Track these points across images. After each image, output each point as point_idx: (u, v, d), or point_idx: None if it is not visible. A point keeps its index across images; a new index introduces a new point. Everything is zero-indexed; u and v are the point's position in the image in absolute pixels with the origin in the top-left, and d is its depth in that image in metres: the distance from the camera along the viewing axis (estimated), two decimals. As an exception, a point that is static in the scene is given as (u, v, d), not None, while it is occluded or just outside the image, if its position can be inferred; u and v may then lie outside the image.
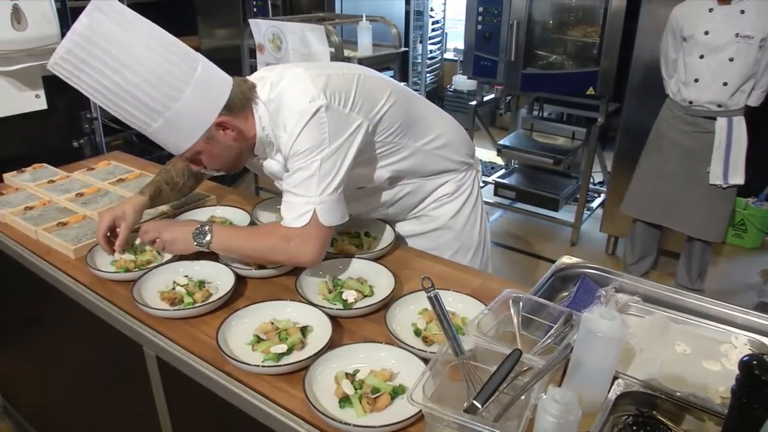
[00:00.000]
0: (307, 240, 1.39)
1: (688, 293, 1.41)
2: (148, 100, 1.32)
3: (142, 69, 1.29)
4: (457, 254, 1.79)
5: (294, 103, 1.39)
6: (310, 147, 1.37)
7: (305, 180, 1.38)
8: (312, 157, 1.37)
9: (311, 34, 3.07)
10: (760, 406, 0.77)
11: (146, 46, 1.31)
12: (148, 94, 1.31)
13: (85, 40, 1.27)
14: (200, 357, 1.24)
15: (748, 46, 2.77)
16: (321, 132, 1.37)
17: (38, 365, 2.07)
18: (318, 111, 1.37)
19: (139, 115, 1.35)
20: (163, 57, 1.32)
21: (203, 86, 1.37)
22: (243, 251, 1.50)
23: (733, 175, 2.99)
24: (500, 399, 0.95)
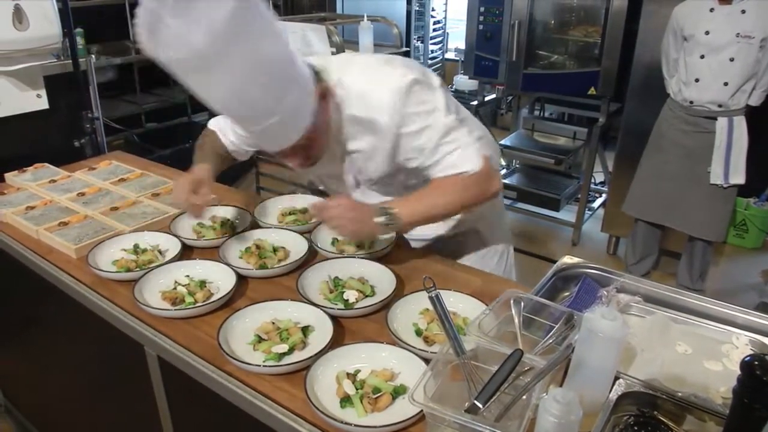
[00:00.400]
0: (490, 176, 1.46)
1: (689, 293, 1.41)
2: (268, 93, 1.23)
3: (274, 64, 1.21)
4: (483, 259, 1.80)
5: (385, 85, 1.41)
6: (428, 113, 1.42)
7: (452, 137, 1.42)
8: (437, 119, 1.42)
9: (312, 34, 3.07)
10: (762, 407, 0.77)
11: (277, 41, 1.21)
12: (267, 86, 1.22)
13: (221, 39, 1.11)
14: (201, 357, 1.24)
15: (749, 46, 2.77)
16: (426, 99, 1.42)
17: (39, 365, 2.08)
18: (412, 83, 1.41)
19: (256, 115, 1.26)
20: (286, 48, 1.24)
21: (299, 61, 1.30)
22: (437, 213, 1.50)
23: (733, 175, 2.99)
24: (501, 399, 0.95)
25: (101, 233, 1.71)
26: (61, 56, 2.48)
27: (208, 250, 1.65)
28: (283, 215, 1.83)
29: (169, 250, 1.64)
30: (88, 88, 2.62)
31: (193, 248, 1.67)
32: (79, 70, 2.50)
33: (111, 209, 1.86)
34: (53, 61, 2.43)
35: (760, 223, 3.77)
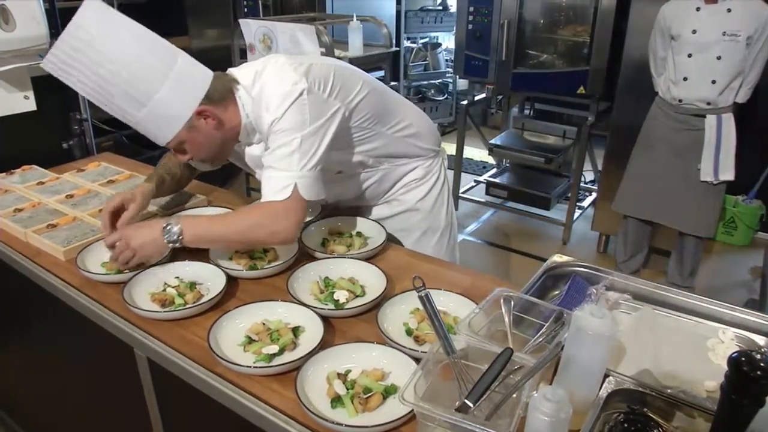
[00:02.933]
0: (288, 213, 1.45)
1: (677, 291, 1.42)
2: (131, 90, 1.40)
3: (123, 61, 1.38)
4: (425, 235, 1.89)
5: (278, 86, 1.48)
6: (292, 126, 1.45)
7: (287, 156, 1.45)
8: (293, 135, 1.45)
9: (302, 34, 3.07)
10: (749, 402, 0.78)
11: (127, 41, 1.40)
12: (130, 84, 1.39)
13: (71, 37, 1.37)
14: (191, 358, 1.23)
15: (735, 44, 2.80)
16: (303, 113, 1.46)
17: (28, 368, 2.06)
18: (301, 94, 1.46)
19: (123, 106, 1.42)
20: (143, 50, 1.41)
21: (183, 78, 1.45)
22: (221, 236, 1.51)
23: (723, 172, 3.01)
24: (492, 398, 0.96)
25: (90, 235, 1.70)
26: (49, 57, 2.46)
27: (197, 252, 1.64)
28: (274, 216, 1.83)
29: (159, 252, 1.63)
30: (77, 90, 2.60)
31: (182, 249, 1.66)
32: (67, 71, 2.48)
33: (100, 211, 1.85)
34: (41, 62, 2.41)
35: (749, 221, 3.80)
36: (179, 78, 1.44)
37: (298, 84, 1.46)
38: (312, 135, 1.47)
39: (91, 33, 1.37)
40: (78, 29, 1.37)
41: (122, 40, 1.39)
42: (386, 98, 1.75)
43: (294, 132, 1.45)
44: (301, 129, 1.46)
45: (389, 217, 1.86)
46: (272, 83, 1.50)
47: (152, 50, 1.43)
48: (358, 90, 1.61)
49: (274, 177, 1.46)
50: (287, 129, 1.45)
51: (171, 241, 1.46)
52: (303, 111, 1.46)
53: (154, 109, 1.43)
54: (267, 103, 1.48)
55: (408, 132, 1.78)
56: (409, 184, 1.85)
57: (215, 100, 1.50)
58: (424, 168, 1.86)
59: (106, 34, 1.38)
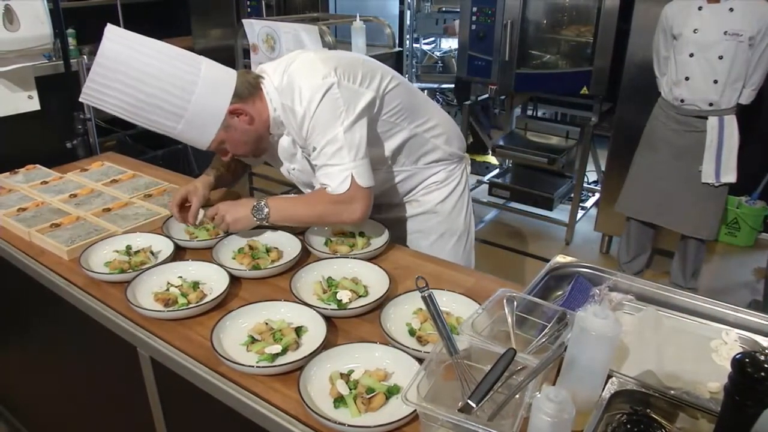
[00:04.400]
0: (352, 201, 1.55)
1: (680, 291, 1.42)
2: (166, 105, 1.47)
3: (154, 79, 1.45)
4: (442, 238, 1.88)
5: (307, 78, 1.52)
6: (329, 120, 1.51)
7: (336, 151, 1.52)
8: (334, 129, 1.51)
9: (305, 34, 3.07)
10: (753, 404, 0.78)
11: (152, 59, 1.47)
12: (164, 100, 1.47)
13: (102, 68, 1.45)
14: (194, 358, 1.24)
15: (737, 43, 2.79)
16: (336, 106, 1.51)
17: (31, 367, 2.07)
18: (331, 87, 1.50)
19: (163, 121, 1.50)
20: (168, 65, 1.48)
21: (210, 82, 1.52)
22: (299, 219, 1.65)
23: (725, 174, 3.00)
24: (495, 398, 0.95)
25: (93, 234, 1.70)
26: (53, 57, 2.47)
27: (201, 251, 1.65)
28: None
29: (162, 251, 1.64)
30: (80, 89, 2.61)
31: (185, 249, 1.67)
32: (71, 70, 2.49)
33: (103, 210, 1.86)
34: (44, 62, 2.42)
35: (752, 222, 3.79)
36: (207, 83, 1.51)
37: (327, 77, 1.50)
38: (352, 126, 1.52)
39: (118, 60, 1.44)
40: (105, 59, 1.44)
41: (148, 60, 1.46)
42: (415, 94, 1.77)
43: (333, 127, 1.50)
44: (339, 122, 1.50)
45: (408, 219, 1.87)
46: (301, 75, 1.54)
47: (177, 63, 1.49)
48: (389, 80, 1.64)
49: (331, 173, 1.53)
50: (325, 124, 1.50)
51: (259, 219, 1.60)
52: (336, 104, 1.50)
53: (190, 118, 1.50)
54: (296, 95, 1.52)
55: (435, 132, 1.79)
56: (430, 186, 1.85)
57: (244, 96, 1.56)
58: (447, 171, 1.86)
59: (132, 57, 1.45)
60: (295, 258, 1.57)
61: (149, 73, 1.45)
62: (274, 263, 1.56)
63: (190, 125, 1.52)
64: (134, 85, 1.45)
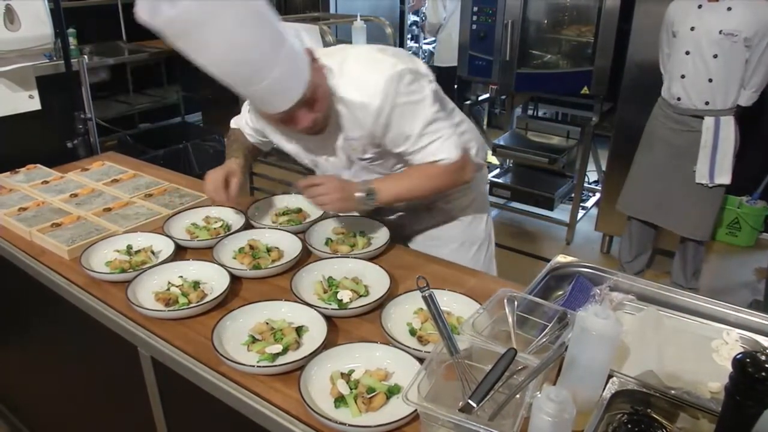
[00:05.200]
0: (464, 166, 1.59)
1: (681, 291, 1.42)
2: (264, 50, 1.28)
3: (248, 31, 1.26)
4: (462, 247, 1.85)
5: (378, 73, 1.47)
6: (416, 104, 1.49)
7: (437, 127, 1.52)
8: (424, 110, 1.50)
9: (306, 34, 3.05)
10: (754, 404, 0.78)
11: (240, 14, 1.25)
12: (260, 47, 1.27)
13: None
14: (195, 358, 1.24)
15: (732, 43, 2.78)
16: (415, 89, 1.49)
17: (32, 366, 2.07)
18: (403, 73, 1.47)
19: (257, 67, 1.29)
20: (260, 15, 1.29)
21: (287, 30, 1.37)
22: (414, 196, 1.66)
23: (719, 175, 2.99)
24: (495, 398, 0.95)
25: (94, 234, 1.71)
26: (54, 57, 2.47)
27: (201, 251, 1.65)
28: (277, 215, 1.83)
29: (163, 251, 1.64)
30: (81, 89, 2.62)
31: (186, 249, 1.67)
32: (72, 70, 2.49)
33: (104, 210, 1.86)
34: (45, 61, 2.42)
35: (753, 222, 3.79)
36: (285, 30, 1.36)
37: (396, 66, 1.47)
38: (433, 102, 1.52)
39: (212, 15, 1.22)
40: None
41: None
42: (445, 96, 1.71)
43: (422, 108, 1.49)
44: (424, 103, 1.50)
45: (428, 228, 1.84)
46: (368, 69, 1.49)
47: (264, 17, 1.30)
48: (427, 71, 1.59)
49: (442, 147, 1.53)
50: (413, 109, 1.49)
51: (368, 203, 1.56)
52: (414, 87, 1.48)
53: (284, 64, 1.31)
54: (369, 88, 1.46)
55: (465, 138, 1.72)
56: (453, 194, 1.80)
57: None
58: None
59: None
60: (295, 258, 1.57)
61: (261, 11, 1.26)
62: (275, 263, 1.56)
63: (285, 72, 1.31)
64: (246, 23, 1.24)
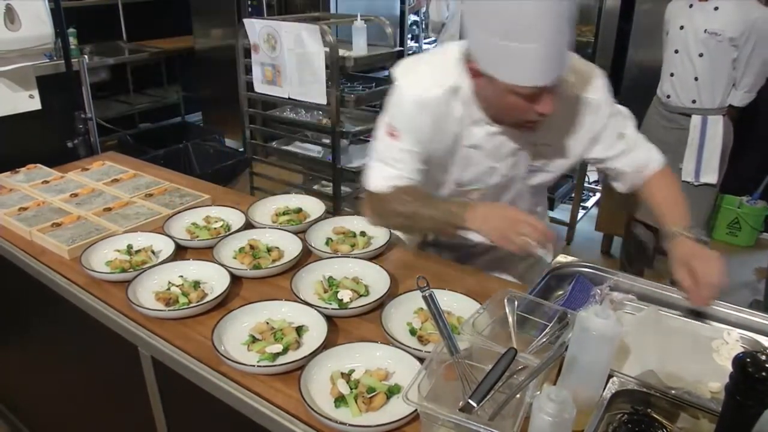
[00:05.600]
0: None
1: (682, 291, 1.42)
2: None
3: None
4: (531, 270, 1.75)
5: (593, 66, 1.46)
6: (614, 101, 1.50)
7: (635, 126, 1.56)
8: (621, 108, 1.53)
9: (306, 33, 3.07)
10: (754, 404, 0.78)
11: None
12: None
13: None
14: (195, 357, 1.24)
15: (717, 43, 2.80)
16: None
17: (33, 366, 2.07)
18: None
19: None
20: None
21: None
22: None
23: (705, 174, 3.00)
24: (495, 398, 0.95)
25: (94, 234, 1.71)
26: (54, 56, 2.47)
27: (201, 251, 1.65)
28: (277, 215, 1.83)
29: (163, 251, 1.64)
30: (81, 89, 2.61)
31: (186, 248, 1.67)
32: (72, 70, 2.49)
33: (104, 210, 1.86)
34: (46, 61, 2.41)
35: (753, 222, 3.79)
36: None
37: (599, 69, 1.46)
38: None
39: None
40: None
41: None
42: None
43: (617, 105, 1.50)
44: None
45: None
46: (581, 61, 1.44)
47: None
48: None
49: (649, 146, 1.57)
50: (620, 107, 1.50)
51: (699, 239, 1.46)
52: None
53: (570, 32, 1.23)
54: (592, 83, 1.43)
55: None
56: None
57: None
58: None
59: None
60: (296, 257, 1.57)
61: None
62: (275, 263, 1.56)
63: (566, 43, 1.22)
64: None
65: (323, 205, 1.88)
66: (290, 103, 3.40)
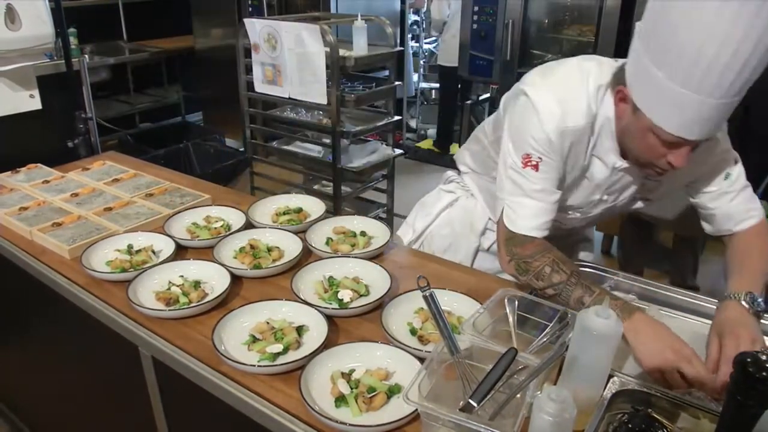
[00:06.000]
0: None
1: (682, 291, 1.42)
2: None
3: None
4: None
5: None
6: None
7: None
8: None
9: (306, 33, 3.07)
10: (754, 404, 0.78)
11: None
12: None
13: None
14: (196, 357, 1.24)
15: None
16: None
17: (33, 366, 2.07)
18: None
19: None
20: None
21: None
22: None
23: None
24: (496, 398, 0.95)
25: (95, 234, 1.71)
26: (54, 56, 2.47)
27: (202, 250, 1.65)
28: (278, 215, 1.83)
29: (163, 251, 1.64)
30: (82, 89, 2.61)
31: (187, 248, 1.67)
32: (73, 70, 2.49)
33: (105, 210, 1.86)
34: (46, 61, 2.41)
35: (754, 221, 3.78)
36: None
37: None
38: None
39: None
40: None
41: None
42: None
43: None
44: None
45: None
46: None
47: None
48: None
49: (754, 196, 1.43)
50: (726, 144, 1.39)
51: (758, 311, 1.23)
52: None
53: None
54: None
55: None
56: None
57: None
58: None
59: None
60: (296, 257, 1.57)
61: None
62: (276, 262, 1.56)
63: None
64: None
65: (323, 205, 1.88)
66: (290, 102, 3.40)
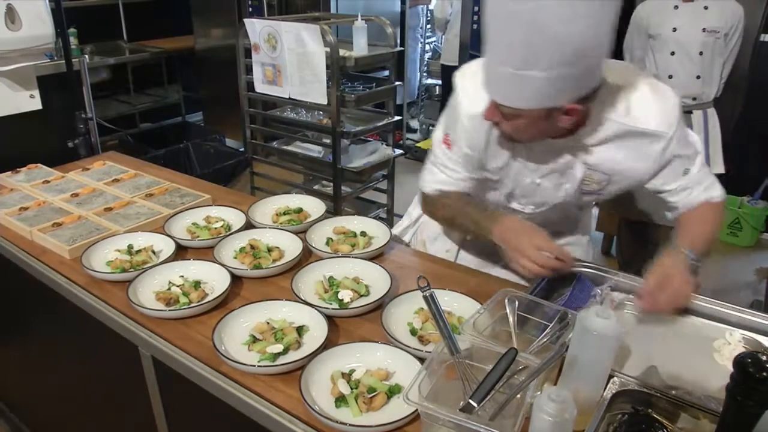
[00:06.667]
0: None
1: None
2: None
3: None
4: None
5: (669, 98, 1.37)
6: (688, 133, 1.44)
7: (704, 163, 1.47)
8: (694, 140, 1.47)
9: (306, 33, 3.07)
10: (755, 404, 0.78)
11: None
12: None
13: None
14: (196, 357, 1.24)
15: (715, 39, 2.90)
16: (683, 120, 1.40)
17: (33, 366, 2.07)
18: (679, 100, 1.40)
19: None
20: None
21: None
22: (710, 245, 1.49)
23: (714, 165, 3.05)
24: (496, 398, 0.95)
25: (95, 234, 1.71)
26: (55, 56, 2.47)
27: (202, 251, 1.65)
28: (278, 215, 1.83)
29: (164, 251, 1.64)
30: (82, 89, 2.61)
31: (187, 248, 1.67)
32: (73, 70, 2.49)
33: (105, 210, 1.86)
34: (46, 61, 2.42)
35: (754, 222, 3.78)
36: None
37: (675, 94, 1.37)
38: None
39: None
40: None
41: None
42: None
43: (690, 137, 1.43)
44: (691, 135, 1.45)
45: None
46: (659, 94, 1.34)
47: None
48: None
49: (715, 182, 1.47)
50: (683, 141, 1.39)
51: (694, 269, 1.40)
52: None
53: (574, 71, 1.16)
54: (656, 113, 1.33)
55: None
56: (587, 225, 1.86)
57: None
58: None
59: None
60: (296, 257, 1.57)
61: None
62: (276, 263, 1.56)
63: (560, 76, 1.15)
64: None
65: (324, 205, 1.88)
66: (291, 103, 3.40)
